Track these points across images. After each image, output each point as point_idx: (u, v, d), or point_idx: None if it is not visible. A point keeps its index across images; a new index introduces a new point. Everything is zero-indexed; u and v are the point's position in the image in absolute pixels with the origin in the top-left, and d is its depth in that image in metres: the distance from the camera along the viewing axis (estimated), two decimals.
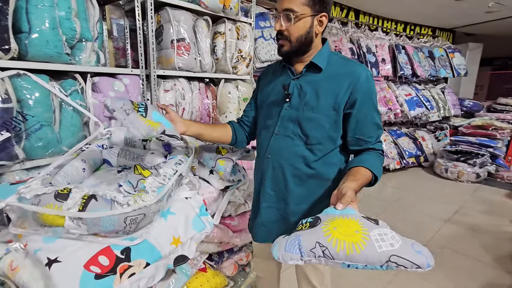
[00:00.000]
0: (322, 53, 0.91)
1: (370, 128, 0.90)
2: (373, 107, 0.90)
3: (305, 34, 0.86)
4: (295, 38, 0.86)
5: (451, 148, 4.19)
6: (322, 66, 0.89)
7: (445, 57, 4.72)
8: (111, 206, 0.76)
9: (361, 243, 0.58)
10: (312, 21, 0.85)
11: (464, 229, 2.64)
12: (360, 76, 0.86)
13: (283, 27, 0.86)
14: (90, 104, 1.37)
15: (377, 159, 0.91)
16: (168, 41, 1.69)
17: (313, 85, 0.90)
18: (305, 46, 0.89)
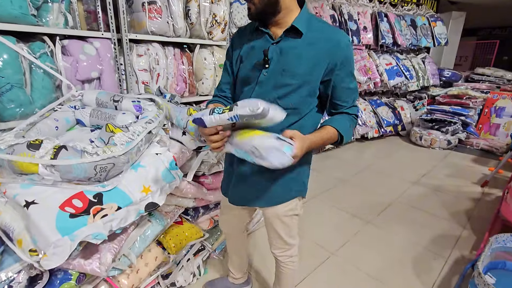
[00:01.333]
0: (302, 17, 0.87)
1: (346, 93, 0.93)
2: (350, 73, 0.92)
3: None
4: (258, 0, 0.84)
5: (427, 117, 4.37)
6: (303, 31, 0.85)
7: (427, 25, 4.73)
8: (81, 155, 0.84)
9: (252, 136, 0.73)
10: None
11: (428, 190, 2.87)
12: (340, 43, 0.86)
13: None
14: (61, 67, 1.39)
15: (348, 121, 0.95)
16: (139, 3, 1.67)
17: (293, 50, 0.87)
18: (272, 7, 0.84)
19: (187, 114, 1.40)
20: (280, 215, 1.05)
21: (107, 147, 0.89)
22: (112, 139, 0.96)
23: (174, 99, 1.52)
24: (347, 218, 2.31)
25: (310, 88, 0.91)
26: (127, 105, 1.22)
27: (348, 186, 2.91)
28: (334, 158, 3.74)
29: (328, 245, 1.95)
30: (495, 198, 2.71)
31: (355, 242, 2.00)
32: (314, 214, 2.32)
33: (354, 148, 4.17)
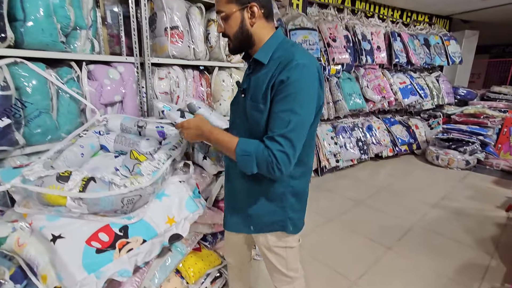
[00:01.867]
0: (266, 47, 0.88)
1: (275, 120, 0.81)
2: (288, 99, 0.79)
3: (239, 30, 0.87)
4: (232, 36, 0.89)
5: (443, 136, 4.27)
6: (263, 61, 0.86)
7: (441, 44, 4.72)
8: (109, 187, 0.82)
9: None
10: (241, 15, 0.85)
11: (449, 213, 2.75)
12: (290, 62, 0.80)
13: (222, 29, 0.90)
14: (86, 91, 1.41)
15: (254, 146, 0.82)
16: (161, 28, 1.71)
17: (256, 80, 0.88)
18: (246, 41, 0.89)
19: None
20: (271, 245, 1.01)
21: (134, 178, 0.87)
22: (137, 167, 0.95)
23: None
24: (366, 243, 2.22)
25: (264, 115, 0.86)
26: (150, 131, 1.22)
27: (364, 208, 2.82)
28: (348, 177, 3.67)
29: (348, 273, 1.87)
30: None
31: (377, 271, 1.90)
32: (331, 239, 2.24)
33: (369, 167, 4.09)
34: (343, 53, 3.32)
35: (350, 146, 3.81)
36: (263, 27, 0.89)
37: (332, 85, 3.51)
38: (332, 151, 3.59)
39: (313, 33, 2.99)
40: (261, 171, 0.82)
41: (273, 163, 0.78)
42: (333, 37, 3.28)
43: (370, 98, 3.78)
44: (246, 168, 0.83)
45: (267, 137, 0.81)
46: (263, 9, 0.86)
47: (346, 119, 4.05)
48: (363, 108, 3.76)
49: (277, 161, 0.78)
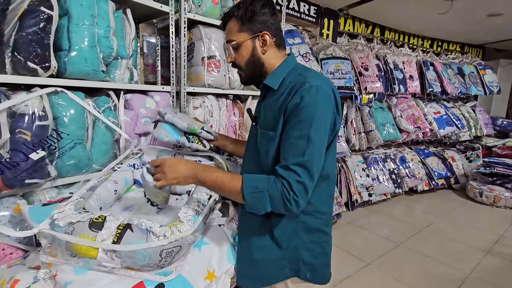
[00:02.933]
0: (276, 72, 0.86)
1: (288, 148, 0.74)
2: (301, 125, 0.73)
3: (250, 58, 0.85)
4: (244, 66, 0.87)
5: (485, 170, 3.92)
6: (273, 86, 0.84)
7: (476, 74, 4.51)
8: (147, 238, 0.70)
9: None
10: (253, 44, 0.85)
11: (507, 262, 2.39)
12: (303, 84, 0.75)
13: (232, 58, 0.88)
14: (122, 121, 1.36)
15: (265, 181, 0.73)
16: (199, 58, 1.69)
17: (266, 107, 0.86)
18: (258, 70, 0.87)
19: None
20: None
21: (174, 225, 0.75)
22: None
23: (233, 156, 1.41)
24: None
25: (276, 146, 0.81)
26: None
27: (406, 251, 2.52)
28: (382, 213, 3.37)
29: None
30: None
31: None
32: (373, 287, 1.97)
33: (403, 202, 3.77)
34: (375, 82, 3.20)
35: (383, 178, 3.55)
36: (275, 55, 0.87)
37: (364, 115, 3.36)
38: (364, 184, 3.35)
39: (346, 62, 2.92)
40: (276, 208, 0.73)
41: (290, 195, 0.70)
42: (365, 66, 3.19)
43: (404, 128, 3.58)
44: (258, 207, 0.73)
45: (281, 166, 0.73)
46: (275, 37, 0.86)
47: (377, 149, 3.83)
48: (397, 138, 3.54)
49: (294, 193, 0.70)
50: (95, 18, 1.21)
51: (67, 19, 1.17)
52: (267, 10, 0.84)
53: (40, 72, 1.10)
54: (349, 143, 3.27)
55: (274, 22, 0.85)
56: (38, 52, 1.08)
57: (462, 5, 3.08)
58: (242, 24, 0.84)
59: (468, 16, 3.51)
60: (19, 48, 1.05)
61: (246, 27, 0.84)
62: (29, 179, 1.02)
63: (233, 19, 0.85)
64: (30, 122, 1.02)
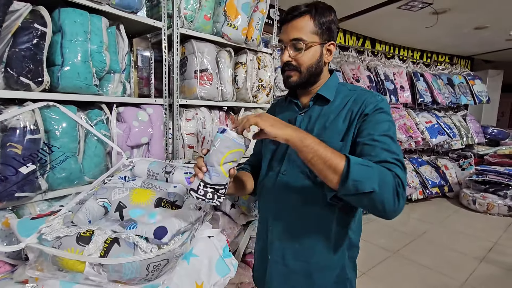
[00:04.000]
0: (330, 84, 0.86)
1: (375, 147, 0.71)
2: (383, 125, 0.74)
3: (316, 63, 0.83)
4: (306, 68, 0.82)
5: (478, 178, 3.97)
6: (330, 98, 0.84)
7: (465, 84, 4.62)
8: (134, 251, 0.70)
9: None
10: (321, 50, 0.82)
11: (501, 270, 2.40)
12: (368, 103, 0.77)
13: (290, 58, 0.82)
14: (114, 134, 1.37)
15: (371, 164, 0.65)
16: (191, 71, 1.72)
17: (321, 118, 0.84)
18: (314, 76, 0.85)
19: None
20: None
21: None
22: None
23: None
24: None
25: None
26: (178, 177, 1.13)
27: (401, 260, 2.52)
28: (376, 222, 3.37)
29: None
30: None
31: None
32: None
33: None
34: None
35: None
36: (327, 67, 0.89)
37: None
38: None
39: (337, 74, 2.98)
40: (383, 194, 0.61)
41: (400, 188, 0.63)
42: (356, 78, 3.26)
43: (397, 138, 3.63)
44: (365, 181, 0.61)
45: (378, 161, 0.66)
46: (335, 49, 0.87)
47: None
48: None
49: (403, 187, 0.64)
50: (88, 34, 1.24)
51: (60, 35, 1.20)
52: (335, 19, 0.83)
53: (33, 87, 1.12)
54: None
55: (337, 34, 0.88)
56: (31, 68, 1.10)
57: (449, 19, 3.19)
58: (319, 26, 0.79)
59: (455, 29, 3.63)
60: (12, 63, 1.07)
61: (321, 30, 0.80)
62: (19, 192, 1.02)
63: (308, 17, 0.79)
64: (22, 136, 1.03)
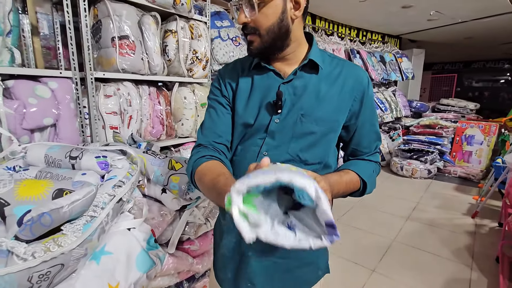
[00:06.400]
0: (315, 50, 0.72)
1: (369, 138, 0.78)
2: (374, 114, 0.79)
3: (278, 22, 0.66)
4: (265, 30, 0.67)
5: (405, 147, 4.44)
6: (321, 65, 0.71)
7: (395, 61, 5.02)
8: (7, 261, 0.53)
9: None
10: (284, 4, 0.65)
11: (423, 225, 2.75)
12: (362, 79, 0.74)
13: (248, 18, 0.67)
14: (2, 114, 1.08)
15: (371, 167, 0.78)
16: (108, 38, 1.45)
17: (311, 89, 0.71)
18: (281, 39, 0.68)
19: (168, 168, 1.13)
20: None
21: (53, 238, 0.59)
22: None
23: (151, 148, 1.25)
24: (349, 267, 2.06)
25: (334, 136, 0.76)
26: (88, 163, 0.93)
27: (340, 228, 2.69)
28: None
29: None
30: (490, 230, 2.65)
31: None
32: None
33: None
34: None
35: None
36: (300, 26, 0.71)
37: None
38: None
39: None
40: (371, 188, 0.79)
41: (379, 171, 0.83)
42: None
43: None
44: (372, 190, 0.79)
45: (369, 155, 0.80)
46: (305, 6, 0.68)
47: None
48: None
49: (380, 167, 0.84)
50: None
51: None
52: None
53: None
54: None
55: None
56: None
57: None
58: None
59: (385, 7, 3.83)
60: None
61: None
62: None
63: None
64: None
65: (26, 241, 0.58)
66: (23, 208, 0.74)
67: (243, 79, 0.77)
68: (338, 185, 0.67)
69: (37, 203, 0.75)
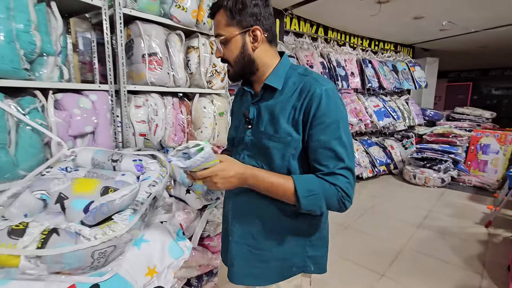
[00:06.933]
0: (278, 71, 0.82)
1: (324, 155, 0.75)
2: (332, 131, 0.74)
3: (240, 54, 0.80)
4: (233, 61, 0.82)
5: (418, 155, 4.44)
6: (277, 87, 0.80)
7: (407, 70, 5.06)
8: (76, 240, 0.68)
9: None
10: (243, 39, 0.78)
11: (434, 233, 2.76)
12: (314, 95, 0.75)
13: (221, 53, 0.82)
14: (52, 123, 1.26)
15: (317, 183, 0.74)
16: (139, 55, 1.63)
17: (269, 108, 0.82)
18: (248, 67, 0.82)
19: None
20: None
21: (107, 225, 0.74)
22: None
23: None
24: (358, 271, 2.13)
25: (293, 150, 0.79)
26: (127, 165, 1.09)
27: (351, 233, 2.76)
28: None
29: None
30: (503, 240, 2.64)
31: None
32: None
33: None
34: None
35: None
36: (266, 52, 0.82)
37: None
38: None
39: (292, 60, 3.06)
40: (329, 208, 0.77)
41: (345, 199, 0.74)
42: (310, 64, 3.38)
43: (349, 121, 3.88)
44: (314, 208, 0.75)
45: (325, 174, 0.74)
46: (267, 33, 0.80)
47: None
48: None
49: (348, 195, 0.74)
50: (11, 11, 1.11)
51: None
52: (259, 2, 0.77)
53: None
54: None
55: (267, 15, 0.79)
56: None
57: (391, 9, 3.43)
58: (232, 17, 0.77)
59: (397, 19, 3.91)
60: None
61: (235, 20, 0.77)
62: None
63: (222, 10, 0.78)
64: None
65: (89, 226, 0.72)
66: (79, 201, 0.89)
67: (236, 101, 1.01)
68: (261, 180, 0.76)
69: (90, 198, 0.91)
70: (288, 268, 0.88)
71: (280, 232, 0.85)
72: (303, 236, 0.87)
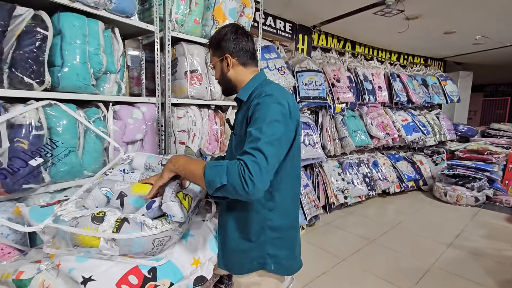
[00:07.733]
0: (246, 87, 1.02)
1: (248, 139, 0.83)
2: (255, 122, 0.85)
3: (221, 75, 1.07)
4: (219, 81, 1.10)
5: (449, 172, 4.28)
6: (242, 98, 1.01)
7: (438, 84, 4.95)
8: (141, 229, 0.82)
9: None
10: (221, 65, 1.05)
11: (466, 253, 2.66)
12: (261, 93, 0.92)
13: (214, 75, 1.12)
14: (111, 130, 1.46)
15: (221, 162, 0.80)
16: (182, 72, 1.83)
17: (239, 115, 1.05)
18: (229, 85, 1.07)
19: None
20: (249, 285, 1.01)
21: (164, 219, 0.88)
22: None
23: None
24: (382, 285, 2.11)
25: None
26: None
27: (377, 247, 2.73)
28: (357, 214, 3.60)
29: None
30: None
31: None
32: (347, 280, 2.14)
33: (376, 204, 4.03)
34: (347, 93, 3.48)
35: (357, 182, 3.80)
36: (241, 72, 1.04)
37: (337, 123, 3.62)
38: (340, 187, 3.58)
39: (319, 74, 3.16)
40: (232, 184, 0.75)
41: (245, 174, 0.74)
42: (337, 78, 3.46)
43: (375, 135, 3.87)
44: (215, 179, 0.76)
45: (240, 153, 0.81)
46: (238, 58, 1.03)
47: (351, 155, 4.10)
48: (368, 144, 3.83)
49: (250, 172, 0.74)
50: (86, 37, 1.34)
51: (60, 38, 1.28)
52: (229, 36, 1.01)
53: (35, 86, 1.20)
54: (324, 149, 3.49)
55: (236, 45, 1.01)
56: (34, 68, 1.18)
57: (420, 25, 3.45)
58: (214, 50, 1.06)
59: (426, 34, 3.90)
60: (16, 64, 1.15)
61: (215, 52, 1.05)
62: (26, 184, 1.11)
63: (210, 46, 1.08)
64: (27, 132, 1.11)
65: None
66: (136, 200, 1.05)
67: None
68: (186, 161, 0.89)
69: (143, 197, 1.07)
70: (249, 261, 0.97)
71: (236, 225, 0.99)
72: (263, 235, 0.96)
